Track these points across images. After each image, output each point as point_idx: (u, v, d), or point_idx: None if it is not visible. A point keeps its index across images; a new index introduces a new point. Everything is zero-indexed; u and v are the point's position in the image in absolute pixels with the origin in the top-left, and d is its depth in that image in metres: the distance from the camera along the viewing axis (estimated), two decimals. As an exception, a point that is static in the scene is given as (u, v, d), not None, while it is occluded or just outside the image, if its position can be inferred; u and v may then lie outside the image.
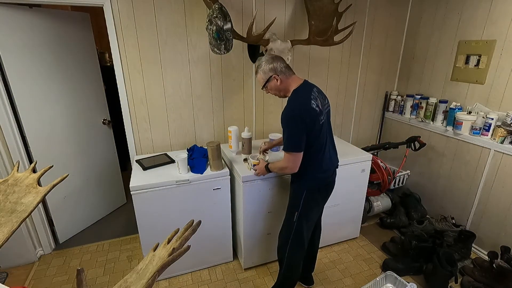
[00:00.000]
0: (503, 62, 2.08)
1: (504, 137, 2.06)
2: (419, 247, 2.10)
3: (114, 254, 2.33)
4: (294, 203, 1.65)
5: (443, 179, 2.57)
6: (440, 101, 2.49)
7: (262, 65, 1.54)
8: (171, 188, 1.84)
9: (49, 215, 2.35)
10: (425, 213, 2.67)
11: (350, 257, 2.32)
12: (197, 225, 0.90)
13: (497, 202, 2.17)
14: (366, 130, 3.11)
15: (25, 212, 0.89)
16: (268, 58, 1.55)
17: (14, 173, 1.02)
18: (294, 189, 1.66)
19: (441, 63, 2.52)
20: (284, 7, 2.32)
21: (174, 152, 2.28)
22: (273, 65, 1.51)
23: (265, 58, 1.56)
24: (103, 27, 1.96)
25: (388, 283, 1.55)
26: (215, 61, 2.27)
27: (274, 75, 1.51)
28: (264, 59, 1.56)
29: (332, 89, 2.76)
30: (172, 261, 0.76)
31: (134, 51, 2.05)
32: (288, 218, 1.70)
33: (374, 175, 2.54)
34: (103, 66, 2.91)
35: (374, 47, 2.78)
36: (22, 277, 2.09)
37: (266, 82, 1.54)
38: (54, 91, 2.24)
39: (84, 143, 2.51)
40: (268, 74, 1.53)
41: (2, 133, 1.97)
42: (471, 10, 2.24)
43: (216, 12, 1.70)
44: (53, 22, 2.16)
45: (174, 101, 2.26)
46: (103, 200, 2.79)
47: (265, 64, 1.52)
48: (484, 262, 2.09)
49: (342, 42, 2.11)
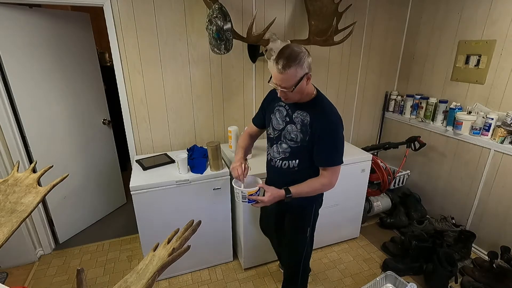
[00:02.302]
0: (503, 62, 2.08)
1: (504, 137, 2.06)
2: (419, 247, 2.10)
3: (114, 254, 2.33)
4: (304, 219, 1.50)
5: (443, 179, 2.56)
6: (440, 101, 2.49)
7: (300, 57, 1.15)
8: (171, 188, 1.84)
9: (49, 215, 2.35)
10: (425, 213, 2.67)
11: (350, 257, 2.32)
12: (197, 225, 0.90)
13: (497, 202, 2.17)
14: (366, 130, 3.11)
15: (25, 212, 0.89)
16: (301, 48, 1.18)
17: (14, 173, 1.02)
18: (301, 205, 1.46)
19: (441, 63, 2.52)
20: (284, 7, 2.32)
21: (174, 152, 2.28)
22: (310, 59, 1.19)
23: (295, 47, 1.17)
24: (103, 27, 1.96)
25: (388, 283, 1.55)
26: (215, 61, 2.27)
27: (310, 73, 1.21)
28: (296, 48, 1.17)
29: (332, 89, 2.76)
30: (172, 261, 0.76)
31: (134, 51, 2.05)
32: (298, 238, 1.54)
33: (374, 175, 2.54)
34: (103, 66, 2.91)
35: (374, 47, 2.78)
36: (22, 277, 2.09)
37: (300, 81, 1.18)
38: (54, 91, 2.24)
39: (84, 143, 2.51)
40: (305, 71, 1.18)
41: (2, 133, 1.97)
42: (471, 10, 2.24)
43: (216, 12, 1.70)
44: (53, 22, 2.16)
45: (174, 101, 2.26)
46: (103, 200, 2.78)
47: (304, 57, 1.16)
48: (484, 262, 2.09)
49: (342, 42, 2.11)
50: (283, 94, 1.24)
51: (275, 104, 1.43)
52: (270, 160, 1.47)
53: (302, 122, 1.31)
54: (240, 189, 1.31)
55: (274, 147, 1.43)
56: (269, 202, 1.31)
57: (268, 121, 1.46)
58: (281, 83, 1.19)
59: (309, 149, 1.32)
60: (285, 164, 1.40)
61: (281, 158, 1.40)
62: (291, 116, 1.34)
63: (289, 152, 1.37)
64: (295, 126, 1.33)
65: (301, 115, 1.31)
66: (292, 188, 1.31)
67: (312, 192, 1.35)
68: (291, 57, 1.14)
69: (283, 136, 1.37)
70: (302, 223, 1.52)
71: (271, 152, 1.46)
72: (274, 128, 1.42)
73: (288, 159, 1.38)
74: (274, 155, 1.43)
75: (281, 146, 1.39)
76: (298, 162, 1.37)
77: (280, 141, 1.39)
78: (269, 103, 1.47)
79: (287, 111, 1.36)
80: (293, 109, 1.34)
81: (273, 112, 1.43)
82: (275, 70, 1.17)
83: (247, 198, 1.31)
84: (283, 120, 1.38)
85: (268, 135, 1.48)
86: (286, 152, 1.38)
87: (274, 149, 1.43)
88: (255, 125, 1.59)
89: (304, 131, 1.30)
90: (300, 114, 1.32)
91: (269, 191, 1.30)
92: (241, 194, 1.31)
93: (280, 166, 1.41)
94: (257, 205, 1.34)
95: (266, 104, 1.50)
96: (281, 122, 1.38)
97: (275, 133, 1.42)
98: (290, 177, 1.38)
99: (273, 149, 1.44)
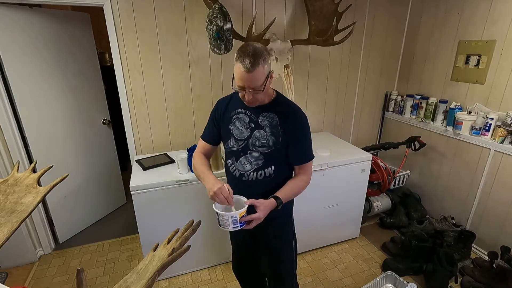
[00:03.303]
0: (503, 62, 2.08)
1: (504, 137, 2.06)
2: (419, 247, 2.10)
3: (114, 254, 2.33)
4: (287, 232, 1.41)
5: (443, 179, 2.56)
6: (440, 101, 2.49)
7: (264, 54, 1.09)
8: (171, 188, 1.84)
9: (49, 215, 2.35)
10: (425, 213, 2.67)
11: (350, 257, 2.32)
12: (197, 225, 0.90)
13: (497, 202, 2.17)
14: (366, 130, 3.11)
15: (25, 212, 0.89)
16: (261, 45, 1.13)
17: (14, 173, 1.02)
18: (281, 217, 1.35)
19: (441, 63, 2.52)
20: (284, 7, 2.32)
21: (174, 152, 2.28)
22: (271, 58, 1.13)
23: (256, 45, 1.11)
24: (103, 27, 1.96)
25: (388, 283, 1.55)
26: (215, 61, 2.27)
27: (272, 71, 1.15)
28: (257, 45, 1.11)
29: (332, 89, 2.76)
30: (172, 261, 0.76)
31: (134, 51, 2.05)
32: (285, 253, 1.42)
33: (374, 175, 2.54)
34: (103, 66, 2.91)
35: (374, 47, 2.78)
36: (22, 277, 2.09)
37: (266, 79, 1.12)
38: (54, 91, 2.24)
39: (84, 143, 2.51)
40: (270, 68, 1.13)
41: (2, 133, 1.97)
42: (471, 10, 2.24)
43: (216, 12, 1.70)
44: (53, 22, 2.16)
45: (174, 101, 2.26)
46: (103, 200, 2.78)
47: (266, 53, 1.11)
48: (484, 262, 2.09)
49: (342, 42, 2.11)
50: (250, 96, 1.13)
51: (230, 114, 1.29)
52: (240, 175, 1.28)
53: (271, 124, 1.22)
54: (229, 214, 1.09)
55: (242, 159, 1.27)
56: (264, 216, 1.16)
57: (227, 133, 1.30)
58: (250, 83, 1.09)
59: (283, 150, 1.24)
60: (260, 174, 1.26)
61: (254, 169, 1.25)
62: (256, 121, 1.24)
63: (262, 160, 1.24)
64: (264, 131, 1.22)
65: (267, 117, 1.23)
66: (280, 194, 1.21)
67: (298, 192, 1.29)
68: (256, 54, 1.06)
69: (251, 144, 1.24)
70: (286, 235, 1.41)
71: (237, 166, 1.28)
72: (238, 139, 1.27)
73: (263, 167, 1.25)
74: (245, 168, 1.26)
75: (252, 156, 1.25)
76: (274, 168, 1.26)
77: (248, 151, 1.25)
78: (222, 114, 1.32)
79: (249, 117, 1.25)
80: (257, 113, 1.24)
81: (232, 122, 1.28)
82: (241, 69, 1.06)
83: (238, 222, 1.11)
84: (247, 128, 1.25)
85: (229, 149, 1.31)
86: (259, 160, 1.24)
87: (243, 161, 1.27)
88: (208, 142, 1.39)
89: (276, 133, 1.22)
90: (266, 116, 1.23)
91: (259, 204, 1.15)
92: (231, 219, 1.10)
93: (255, 178, 1.26)
94: (250, 226, 1.15)
95: (218, 116, 1.34)
96: (245, 130, 1.25)
97: (239, 144, 1.26)
98: (266, 187, 1.27)
99: (240, 163, 1.27)
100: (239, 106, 1.27)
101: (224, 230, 1.14)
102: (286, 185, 1.26)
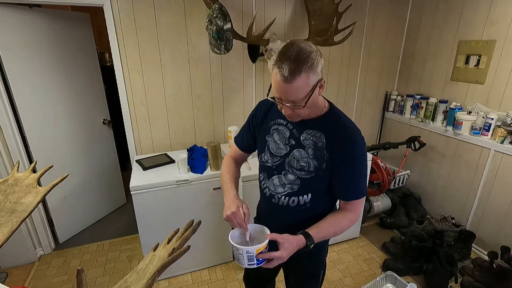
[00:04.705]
0: (503, 62, 2.08)
1: (504, 137, 2.06)
2: (419, 247, 2.10)
3: (114, 254, 2.33)
4: (318, 264, 1.22)
5: (443, 179, 2.56)
6: (440, 101, 2.49)
7: (312, 58, 0.82)
8: (171, 188, 1.84)
9: (49, 215, 2.35)
10: (425, 213, 2.67)
11: (350, 257, 2.32)
12: (197, 225, 0.90)
13: (497, 202, 2.17)
14: (366, 130, 3.11)
15: (25, 212, 0.89)
16: (311, 46, 0.85)
17: (14, 173, 1.02)
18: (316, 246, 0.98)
19: (441, 63, 2.52)
20: (284, 7, 2.32)
21: (174, 152, 2.28)
22: (323, 60, 0.87)
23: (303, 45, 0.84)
24: (103, 27, 1.96)
25: (388, 283, 1.55)
26: (215, 61, 2.27)
27: (323, 79, 0.89)
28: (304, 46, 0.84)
29: (332, 89, 2.76)
30: (172, 261, 0.76)
31: (134, 51, 2.05)
32: (311, 286, 1.25)
33: (374, 175, 2.54)
34: (103, 66, 2.91)
35: (374, 47, 2.78)
36: (22, 277, 2.09)
37: (312, 91, 0.86)
38: (54, 91, 2.24)
39: (84, 143, 2.51)
40: (318, 76, 0.86)
41: (2, 133, 1.97)
42: (471, 10, 2.24)
43: (216, 12, 1.70)
44: (53, 22, 2.16)
45: (174, 101, 2.26)
46: (103, 200, 2.78)
47: (317, 57, 0.84)
48: (484, 262, 2.09)
49: (342, 42, 2.10)
50: (289, 111, 0.90)
51: (270, 123, 1.08)
52: (270, 196, 1.10)
53: (315, 145, 0.98)
54: (244, 248, 0.86)
55: (275, 178, 1.08)
56: (288, 256, 0.91)
57: (263, 144, 1.10)
58: (288, 96, 0.85)
59: (326, 179, 1.01)
60: (293, 201, 1.05)
61: (287, 194, 1.06)
62: (297, 138, 1.01)
63: (298, 185, 1.03)
64: (305, 151, 1.00)
65: (312, 136, 0.99)
66: (312, 232, 0.95)
67: (339, 232, 1.01)
68: (299, 58, 0.81)
69: (287, 164, 1.03)
70: (317, 268, 1.21)
71: (269, 185, 1.10)
72: (274, 154, 1.06)
73: (298, 194, 1.04)
74: (276, 190, 1.08)
75: (287, 178, 1.05)
76: (311, 197, 1.04)
77: (284, 171, 1.05)
78: (261, 121, 1.11)
79: (291, 131, 1.03)
80: (300, 129, 1.01)
81: (269, 133, 1.07)
82: (278, 77, 0.83)
83: (255, 258, 0.88)
84: (286, 144, 1.04)
85: (263, 163, 1.11)
86: (294, 185, 1.04)
87: (275, 181, 1.08)
88: (240, 148, 1.21)
89: (319, 157, 0.98)
90: (311, 134, 0.99)
91: (283, 240, 0.91)
92: (246, 255, 0.86)
93: (287, 204, 1.07)
94: (270, 265, 0.91)
95: (256, 122, 1.13)
96: (283, 146, 1.04)
97: (274, 160, 1.07)
98: (298, 216, 1.08)
99: (272, 182, 1.09)
100: (280, 116, 1.04)
101: (239, 264, 0.93)
102: (324, 220, 1.01)
